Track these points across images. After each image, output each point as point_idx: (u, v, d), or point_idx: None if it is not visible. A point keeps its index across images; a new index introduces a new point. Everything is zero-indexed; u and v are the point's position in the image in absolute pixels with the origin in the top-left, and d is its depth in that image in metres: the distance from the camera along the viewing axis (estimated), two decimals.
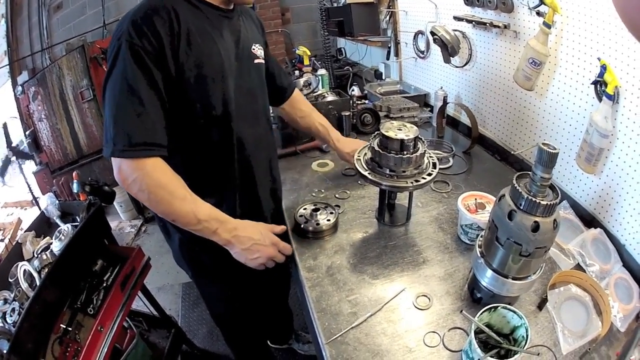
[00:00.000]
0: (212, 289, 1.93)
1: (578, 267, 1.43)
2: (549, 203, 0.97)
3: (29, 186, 4.78)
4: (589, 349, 1.14)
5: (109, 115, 1.22)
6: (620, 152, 1.43)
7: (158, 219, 1.66)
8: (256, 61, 1.59)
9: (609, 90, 1.36)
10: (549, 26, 1.60)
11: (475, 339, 1.02)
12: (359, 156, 1.57)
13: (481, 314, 1.07)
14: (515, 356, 0.99)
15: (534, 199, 0.98)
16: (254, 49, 1.57)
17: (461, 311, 1.19)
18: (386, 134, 1.42)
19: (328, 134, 1.98)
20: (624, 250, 1.46)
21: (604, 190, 1.54)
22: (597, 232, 1.51)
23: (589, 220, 1.62)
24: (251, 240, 1.43)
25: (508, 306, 1.09)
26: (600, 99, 1.44)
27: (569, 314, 1.24)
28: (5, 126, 4.92)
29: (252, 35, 1.59)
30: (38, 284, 1.80)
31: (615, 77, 1.35)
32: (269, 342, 2.79)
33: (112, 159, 1.23)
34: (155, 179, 1.25)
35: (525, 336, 1.03)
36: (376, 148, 1.46)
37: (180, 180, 1.32)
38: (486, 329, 1.06)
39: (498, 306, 1.09)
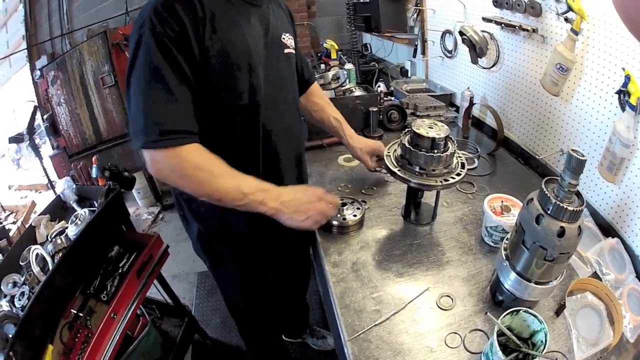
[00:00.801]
0: (230, 280, 1.94)
1: (595, 275, 1.46)
2: (575, 209, 1.00)
3: (44, 170, 4.85)
4: (600, 357, 1.19)
5: (136, 106, 1.23)
6: None
7: (178, 207, 1.71)
8: (286, 51, 1.59)
9: (632, 100, 1.40)
10: (576, 33, 1.64)
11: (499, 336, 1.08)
12: (388, 152, 1.61)
13: (504, 316, 1.11)
14: None
15: (561, 205, 1.00)
16: (283, 38, 1.58)
17: (486, 313, 1.26)
18: (417, 131, 1.47)
19: (342, 129, 1.98)
20: (638, 261, 1.50)
21: (623, 200, 1.58)
22: (614, 241, 1.55)
23: (607, 229, 1.66)
24: (297, 202, 1.44)
25: (530, 310, 1.12)
26: (623, 109, 1.48)
27: (584, 321, 1.28)
28: (11, 138, 4.98)
29: (281, 24, 1.60)
30: (51, 268, 1.79)
31: (638, 88, 1.39)
32: (283, 336, 2.84)
33: (144, 151, 1.24)
34: (193, 162, 1.27)
35: (543, 341, 1.07)
36: (407, 145, 1.51)
37: (218, 158, 1.32)
38: (508, 332, 1.10)
39: (520, 310, 1.12)
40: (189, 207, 1.64)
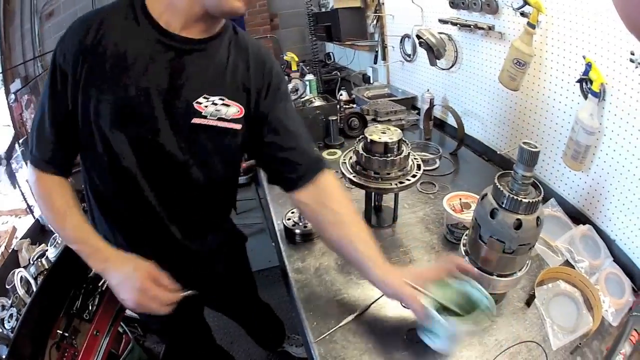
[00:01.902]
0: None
1: (567, 263, 1.42)
2: (531, 201, 0.97)
3: (22, 194, 4.72)
4: (580, 343, 1.14)
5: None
6: (607, 148, 1.42)
7: None
8: (195, 121, 1.12)
9: (595, 87, 1.35)
10: (533, 26, 1.58)
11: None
12: (344, 160, 1.55)
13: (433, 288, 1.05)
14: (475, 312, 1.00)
15: (516, 197, 0.98)
16: (198, 103, 1.11)
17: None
18: (370, 137, 1.42)
19: (369, 259, 1.15)
20: (615, 245, 1.45)
21: (592, 187, 1.54)
22: (585, 228, 1.50)
23: (577, 217, 1.60)
24: (122, 278, 1.15)
25: (465, 278, 1.06)
26: (585, 97, 1.43)
27: (558, 310, 1.24)
28: None
29: (214, 80, 1.14)
30: (35, 290, 1.81)
31: (600, 74, 1.33)
32: (262, 348, 2.76)
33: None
34: (41, 190, 1.20)
35: (489, 307, 1.00)
36: (361, 151, 1.46)
37: (67, 195, 1.20)
38: (444, 303, 1.03)
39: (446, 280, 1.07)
40: None
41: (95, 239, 1.17)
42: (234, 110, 1.16)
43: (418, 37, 2.35)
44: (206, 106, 1.12)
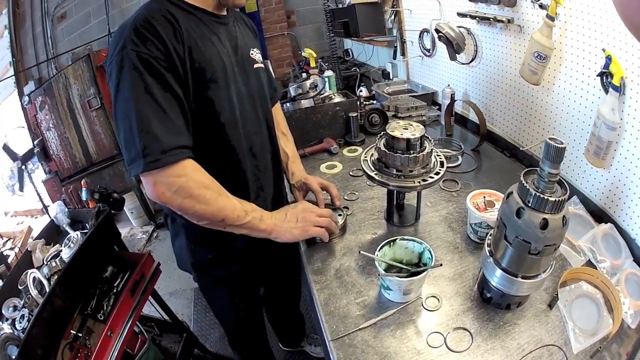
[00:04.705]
0: (220, 297, 1.88)
1: (589, 263, 1.40)
2: (557, 199, 0.94)
3: (38, 195, 4.83)
4: (600, 347, 1.12)
5: (129, 131, 1.15)
6: (628, 144, 1.40)
7: (171, 225, 1.64)
8: (256, 66, 1.56)
9: (615, 81, 1.34)
10: (552, 19, 1.59)
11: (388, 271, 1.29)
12: (365, 157, 1.55)
13: (380, 249, 1.30)
14: (424, 273, 1.23)
15: (542, 196, 0.95)
16: (252, 54, 1.55)
17: (360, 252, 1.34)
18: (392, 133, 1.41)
19: (287, 164, 1.88)
20: (635, 244, 1.43)
21: (614, 184, 1.52)
22: (607, 227, 1.48)
23: (599, 215, 1.59)
24: (288, 214, 1.48)
25: (406, 237, 1.33)
26: (606, 91, 1.41)
27: (580, 311, 1.22)
28: (6, 146, 4.97)
29: (248, 40, 1.57)
30: (47, 291, 1.81)
31: (620, 68, 1.33)
32: (280, 345, 2.86)
33: (143, 175, 1.17)
34: (199, 180, 1.24)
35: (430, 257, 1.27)
36: (382, 148, 1.45)
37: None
38: (392, 262, 1.31)
39: (396, 239, 1.33)
40: (188, 234, 1.60)
41: (254, 204, 1.42)
42: (260, 56, 1.62)
43: (437, 31, 2.35)
44: (255, 55, 1.58)
